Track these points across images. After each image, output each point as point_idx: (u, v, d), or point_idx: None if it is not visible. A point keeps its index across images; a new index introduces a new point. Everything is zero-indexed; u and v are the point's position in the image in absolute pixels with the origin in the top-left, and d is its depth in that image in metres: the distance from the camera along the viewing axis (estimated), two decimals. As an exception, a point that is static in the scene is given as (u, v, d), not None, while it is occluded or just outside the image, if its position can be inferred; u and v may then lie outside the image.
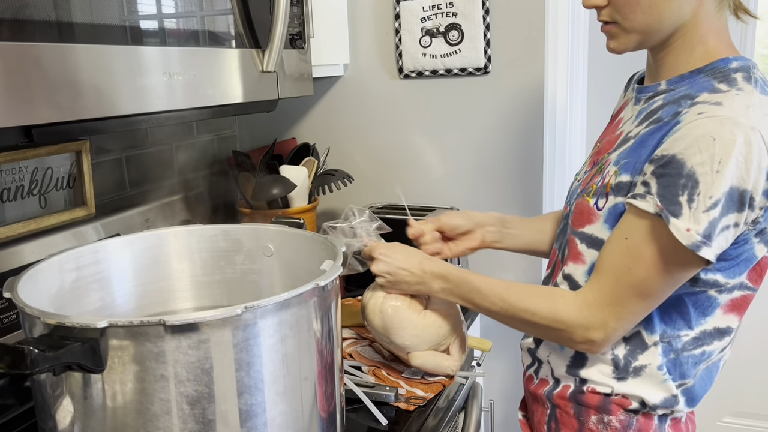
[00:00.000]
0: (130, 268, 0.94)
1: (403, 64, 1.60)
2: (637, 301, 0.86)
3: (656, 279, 0.83)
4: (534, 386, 1.03)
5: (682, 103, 0.86)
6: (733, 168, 0.77)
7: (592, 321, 0.88)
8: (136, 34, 0.87)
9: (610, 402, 0.93)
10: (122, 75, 0.85)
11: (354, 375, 1.15)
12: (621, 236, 0.86)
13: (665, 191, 0.80)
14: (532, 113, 1.53)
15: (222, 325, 0.68)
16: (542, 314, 0.91)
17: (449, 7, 1.53)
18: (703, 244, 0.79)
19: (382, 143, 1.70)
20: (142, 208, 1.36)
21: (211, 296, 1.00)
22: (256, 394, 0.72)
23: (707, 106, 0.81)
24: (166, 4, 0.93)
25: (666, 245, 0.81)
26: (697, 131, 0.78)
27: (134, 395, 0.68)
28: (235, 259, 0.99)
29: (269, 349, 0.72)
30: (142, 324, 0.65)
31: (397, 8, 1.57)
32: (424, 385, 1.12)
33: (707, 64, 0.88)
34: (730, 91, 0.83)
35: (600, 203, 0.90)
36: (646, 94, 0.95)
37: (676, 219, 0.79)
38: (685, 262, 0.82)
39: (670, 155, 0.80)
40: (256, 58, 1.13)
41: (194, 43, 0.99)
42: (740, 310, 0.90)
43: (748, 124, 0.78)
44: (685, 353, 0.91)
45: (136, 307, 0.94)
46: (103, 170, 1.31)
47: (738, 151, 0.77)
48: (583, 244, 0.93)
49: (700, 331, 0.90)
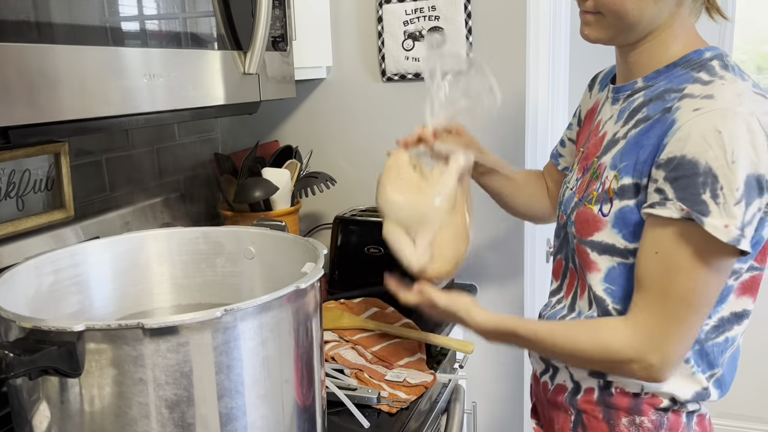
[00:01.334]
0: (109, 271, 0.93)
1: (386, 66, 1.60)
2: (690, 312, 0.83)
3: (701, 283, 0.81)
4: (551, 393, 1.01)
5: (666, 97, 0.87)
6: (744, 156, 0.77)
7: (647, 345, 0.84)
8: (117, 35, 0.87)
9: (641, 402, 0.91)
10: (102, 76, 0.84)
11: (336, 378, 1.14)
12: (650, 251, 0.83)
13: (685, 193, 0.79)
14: (514, 116, 1.54)
15: (201, 328, 0.67)
16: (591, 352, 0.87)
17: (432, 11, 1.53)
18: (741, 237, 0.78)
19: (365, 146, 1.69)
20: (123, 211, 1.35)
21: (192, 299, 0.99)
22: (236, 398, 0.71)
23: (700, 100, 0.81)
24: (146, 5, 0.92)
25: (700, 246, 0.80)
26: (701, 128, 0.78)
27: (112, 399, 0.67)
28: (216, 262, 0.98)
29: (249, 351, 0.71)
30: (120, 327, 0.64)
31: (379, 11, 1.58)
32: (407, 388, 1.12)
33: (681, 57, 0.89)
34: (714, 81, 0.84)
35: (605, 209, 0.90)
36: (623, 93, 0.95)
37: (707, 218, 0.78)
38: (724, 258, 0.81)
39: (679, 157, 0.79)
40: (238, 60, 1.12)
41: (176, 45, 0.98)
42: (752, 291, 0.90)
43: (746, 111, 0.79)
44: (710, 342, 0.89)
45: (115, 310, 0.93)
46: (82, 172, 1.30)
47: (744, 139, 0.77)
48: (594, 252, 0.92)
49: (718, 318, 0.89)
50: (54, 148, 1.18)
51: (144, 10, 0.92)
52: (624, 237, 0.88)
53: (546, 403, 1.04)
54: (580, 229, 0.94)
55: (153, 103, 0.94)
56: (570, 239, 0.98)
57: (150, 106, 0.93)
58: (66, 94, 0.80)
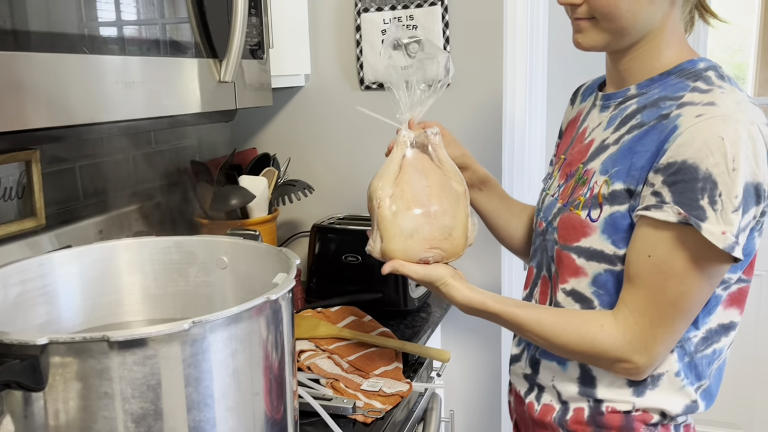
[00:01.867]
0: (78, 282, 0.91)
1: (364, 75, 1.61)
2: (679, 316, 0.83)
3: (694, 288, 0.82)
4: (538, 413, 0.99)
5: (662, 105, 0.86)
6: (745, 164, 0.77)
7: (636, 346, 0.85)
8: (92, 43, 0.86)
9: (632, 420, 0.90)
10: (77, 84, 0.83)
11: (312, 388, 1.14)
12: (643, 254, 0.83)
13: (683, 197, 0.79)
14: (491, 125, 1.55)
15: (169, 341, 0.66)
16: (578, 347, 0.88)
17: (410, 20, 1.54)
18: (736, 244, 0.78)
19: (343, 154, 1.69)
20: (96, 219, 1.33)
21: (163, 309, 0.98)
22: (205, 410, 0.70)
23: (701, 107, 0.81)
24: (122, 12, 0.91)
25: (695, 251, 0.80)
26: (704, 134, 0.78)
27: (77, 413, 0.66)
28: (189, 272, 0.97)
29: (219, 364, 0.70)
30: (85, 340, 0.63)
31: (358, 20, 1.58)
32: (382, 398, 1.11)
33: (675, 66, 0.89)
34: (713, 90, 0.84)
35: (593, 214, 0.89)
36: (615, 101, 0.95)
37: (704, 223, 0.77)
38: (718, 264, 0.81)
39: (679, 161, 0.79)
40: (214, 69, 1.12)
41: (151, 53, 0.97)
42: (740, 304, 0.90)
43: (747, 120, 0.79)
44: (698, 355, 0.89)
45: (83, 321, 0.91)
46: (55, 180, 1.28)
47: (745, 147, 0.77)
48: (581, 258, 0.91)
49: (706, 330, 0.89)
50: (25, 156, 1.17)
51: (119, 18, 0.91)
52: (614, 243, 0.88)
53: (531, 422, 1.02)
54: (564, 235, 0.93)
55: (128, 111, 0.93)
56: (549, 246, 0.98)
57: (125, 114, 0.93)
58: (38, 102, 0.79)
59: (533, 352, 1.01)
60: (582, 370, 0.94)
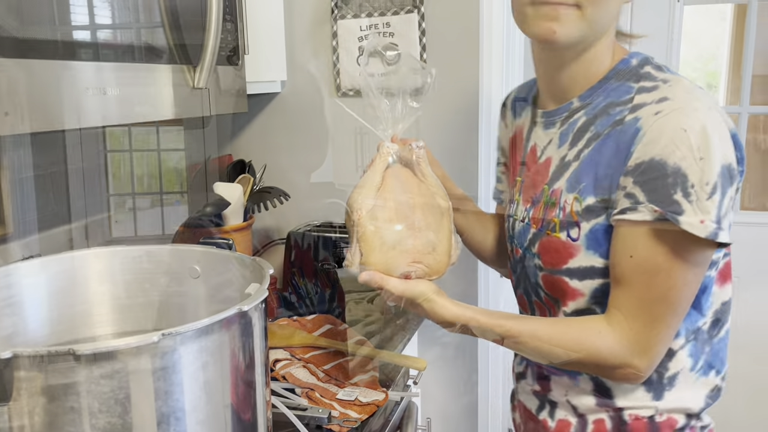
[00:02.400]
0: (46, 292, 0.89)
1: (340, 81, 1.60)
2: (671, 312, 0.83)
3: (681, 281, 0.81)
4: (553, 430, 0.96)
5: (611, 111, 0.86)
6: (715, 149, 0.78)
7: (634, 349, 0.83)
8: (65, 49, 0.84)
9: (657, 426, 0.89)
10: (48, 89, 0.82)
11: (286, 398, 1.12)
12: (625, 256, 0.82)
13: (655, 195, 0.79)
14: (467, 133, 1.55)
15: (138, 353, 0.65)
16: (577, 357, 0.85)
17: (386, 27, 1.54)
18: (719, 230, 0.78)
19: (320, 161, 1.69)
20: (67, 227, 1.31)
21: (134, 320, 0.96)
22: (176, 424, 0.69)
23: (656, 105, 0.81)
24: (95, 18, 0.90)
25: (676, 245, 0.80)
26: (667, 129, 0.79)
27: (42, 428, 0.64)
28: (160, 282, 0.95)
29: (189, 376, 0.69)
30: (50, 354, 0.62)
31: (334, 26, 1.58)
32: (358, 407, 1.11)
33: (610, 70, 0.89)
34: (659, 85, 0.84)
35: (573, 234, 0.87)
36: (559, 116, 0.93)
37: (681, 216, 0.77)
38: (702, 252, 0.81)
39: (647, 160, 0.79)
40: (188, 75, 1.10)
41: (124, 59, 0.96)
42: (728, 276, 0.90)
43: (704, 106, 0.80)
44: (715, 340, 0.89)
45: (50, 332, 0.89)
46: (26, 187, 1.25)
47: (711, 132, 0.78)
48: (574, 279, 0.89)
49: (712, 312, 0.89)
50: (-7, 163, 1.14)
51: (92, 23, 0.90)
52: (601, 255, 0.86)
53: None
54: (549, 260, 0.91)
55: (100, 117, 0.91)
56: (530, 273, 0.95)
57: (97, 120, 0.91)
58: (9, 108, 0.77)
59: (539, 368, 0.99)
60: (595, 381, 0.91)
